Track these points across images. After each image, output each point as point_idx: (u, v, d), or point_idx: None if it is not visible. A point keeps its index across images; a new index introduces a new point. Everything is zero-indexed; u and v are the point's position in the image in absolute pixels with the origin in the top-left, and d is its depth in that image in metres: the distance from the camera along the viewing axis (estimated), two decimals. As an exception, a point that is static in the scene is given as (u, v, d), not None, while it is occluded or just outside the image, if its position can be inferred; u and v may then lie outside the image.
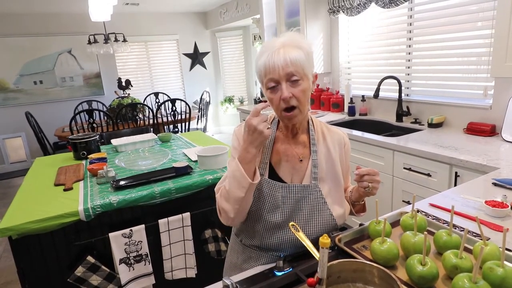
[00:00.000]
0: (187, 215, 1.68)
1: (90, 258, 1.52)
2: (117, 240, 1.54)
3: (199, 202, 1.77)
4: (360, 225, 1.04)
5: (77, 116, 3.79)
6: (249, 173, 0.92)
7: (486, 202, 1.13)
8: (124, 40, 4.61)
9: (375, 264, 0.73)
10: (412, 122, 2.52)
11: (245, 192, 0.92)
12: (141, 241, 1.59)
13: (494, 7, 1.96)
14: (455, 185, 1.71)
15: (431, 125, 2.34)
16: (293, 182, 1.02)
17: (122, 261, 1.56)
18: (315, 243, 1.08)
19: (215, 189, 1.05)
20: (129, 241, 1.57)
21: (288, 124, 1.03)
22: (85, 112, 3.71)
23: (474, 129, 2.09)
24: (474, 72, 2.21)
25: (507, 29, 1.65)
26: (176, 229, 1.67)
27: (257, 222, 1.01)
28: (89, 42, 4.45)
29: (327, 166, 1.05)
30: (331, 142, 1.09)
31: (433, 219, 1.07)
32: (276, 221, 0.99)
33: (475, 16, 2.14)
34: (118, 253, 1.55)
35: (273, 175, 1.03)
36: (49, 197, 1.66)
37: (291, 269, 0.87)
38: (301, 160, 1.04)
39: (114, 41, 4.52)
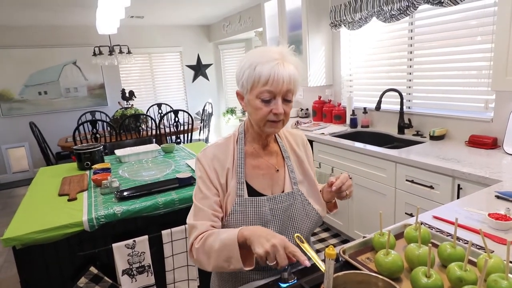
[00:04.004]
0: (190, 226, 1.68)
1: (93, 269, 1.52)
2: (120, 251, 1.54)
3: (202, 213, 1.77)
4: (364, 237, 1.04)
5: (81, 127, 3.82)
6: (243, 257, 0.82)
7: (489, 214, 1.13)
8: (129, 52, 4.68)
9: (380, 276, 0.73)
10: (414, 135, 2.53)
11: (231, 267, 0.84)
12: (144, 252, 1.59)
13: (494, 22, 1.99)
14: (458, 197, 1.71)
15: (433, 138, 2.35)
16: (274, 193, 1.02)
17: (124, 272, 1.56)
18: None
19: (191, 225, 0.95)
20: (132, 252, 1.57)
21: (266, 134, 1.01)
22: (88, 123, 3.74)
23: (476, 142, 2.11)
24: (474, 85, 2.23)
25: (506, 44, 1.68)
26: (179, 240, 1.67)
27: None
28: (94, 54, 4.52)
29: (300, 168, 1.08)
30: (295, 144, 1.12)
31: (436, 231, 1.07)
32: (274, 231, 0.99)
33: (475, 30, 2.18)
34: (121, 264, 1.55)
35: (252, 191, 1.00)
36: (53, 207, 1.67)
37: (296, 281, 0.88)
38: (277, 170, 1.04)
39: (118, 53, 4.59)
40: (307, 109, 3.81)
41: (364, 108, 2.99)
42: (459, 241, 0.98)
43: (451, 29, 2.30)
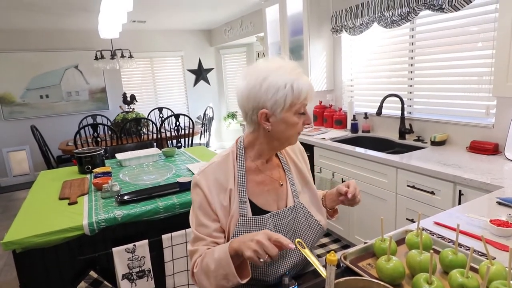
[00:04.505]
0: (190, 230, 1.67)
1: (93, 273, 1.52)
2: (120, 255, 1.54)
3: (203, 218, 1.77)
4: (365, 242, 1.04)
5: (82, 130, 3.83)
6: (239, 270, 0.83)
7: (491, 221, 1.13)
8: (130, 56, 4.70)
9: (381, 282, 0.73)
10: (415, 140, 2.53)
11: (230, 284, 0.84)
12: (144, 257, 1.59)
13: (495, 28, 2.00)
14: (459, 203, 1.71)
15: (434, 143, 2.35)
16: (279, 208, 1.00)
17: (124, 276, 1.55)
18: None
19: (190, 251, 0.96)
20: (132, 256, 1.56)
21: (285, 148, 1.02)
22: (89, 126, 3.75)
23: (477, 148, 2.10)
24: (475, 91, 2.23)
25: (507, 50, 1.68)
26: (180, 245, 1.67)
27: (256, 265, 0.92)
28: (96, 58, 4.54)
29: (299, 178, 1.07)
30: (294, 154, 1.10)
31: (438, 237, 1.07)
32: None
33: (476, 36, 2.18)
34: (120, 269, 1.54)
35: (256, 209, 0.97)
36: (53, 211, 1.67)
37: (296, 287, 0.87)
38: (281, 184, 1.02)
39: (120, 57, 4.61)
40: (308, 114, 3.81)
41: (365, 113, 2.99)
42: (461, 247, 0.97)
43: (452, 35, 2.31)
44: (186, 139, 4.51)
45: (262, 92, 0.87)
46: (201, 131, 5.20)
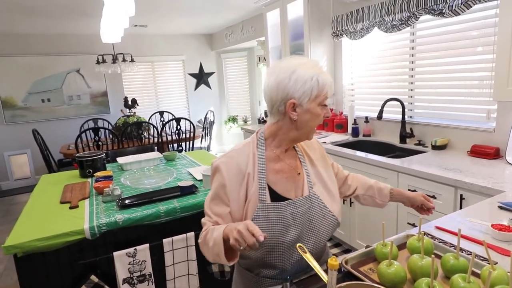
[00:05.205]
0: (191, 234, 1.68)
1: (93, 278, 1.51)
2: (121, 259, 1.54)
3: (204, 222, 1.77)
4: (367, 247, 1.03)
5: (83, 134, 3.84)
6: (228, 252, 0.91)
7: (492, 225, 1.13)
8: (132, 60, 4.72)
9: (382, 287, 0.73)
10: (415, 144, 2.53)
11: (221, 261, 0.93)
12: (145, 261, 1.59)
13: (495, 33, 2.01)
14: (461, 207, 1.70)
15: (435, 147, 2.35)
16: (297, 196, 1.04)
17: (125, 281, 1.55)
18: (324, 250, 1.10)
19: (202, 221, 1.03)
20: (133, 261, 1.56)
21: (303, 140, 1.08)
22: (91, 130, 3.76)
23: (478, 152, 2.10)
24: (476, 96, 2.24)
25: (508, 54, 1.69)
26: (180, 249, 1.67)
27: (273, 249, 0.99)
28: (98, 62, 4.56)
29: (313, 170, 1.10)
30: (308, 148, 1.15)
31: (439, 242, 1.07)
32: (292, 239, 0.99)
33: (476, 41, 2.19)
34: (121, 273, 1.54)
35: (275, 196, 1.01)
36: (55, 215, 1.67)
37: (298, 291, 0.87)
38: (299, 173, 1.07)
39: (122, 61, 4.63)
40: (308, 118, 3.82)
41: (366, 117, 3.00)
42: (462, 252, 0.97)
43: (452, 40, 2.32)
44: (187, 143, 4.51)
45: (291, 84, 0.95)
46: (202, 135, 5.20)
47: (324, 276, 0.78)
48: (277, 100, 0.97)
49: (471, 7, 2.01)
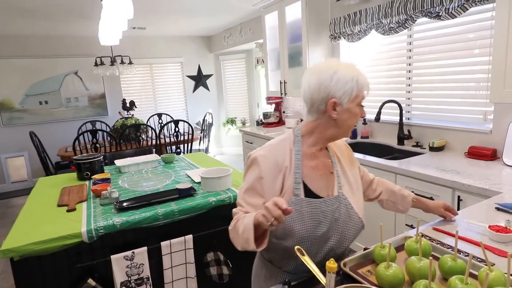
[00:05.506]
0: (189, 237, 1.67)
1: (91, 281, 1.51)
2: (118, 263, 1.53)
3: (202, 224, 1.76)
4: (365, 249, 1.03)
5: (81, 136, 3.83)
6: (258, 238, 0.92)
7: (489, 227, 1.13)
8: (130, 63, 4.72)
9: (381, 290, 0.73)
10: (413, 146, 2.54)
11: (250, 248, 0.93)
12: (143, 264, 1.58)
13: (491, 35, 2.02)
14: (458, 209, 1.70)
15: (432, 149, 2.36)
16: (329, 195, 1.06)
17: (123, 284, 1.55)
18: (349, 251, 1.11)
19: (233, 211, 1.06)
20: (131, 264, 1.56)
21: (339, 138, 1.11)
22: (89, 132, 3.75)
23: (475, 153, 2.11)
24: (473, 97, 2.25)
25: (504, 57, 1.70)
26: (178, 252, 1.66)
27: (302, 241, 1.01)
28: (96, 64, 4.55)
29: (342, 171, 1.13)
30: (338, 150, 1.17)
31: (437, 243, 1.07)
32: (320, 234, 1.02)
33: (473, 43, 2.20)
34: (119, 276, 1.53)
35: (308, 192, 1.05)
36: (52, 218, 1.67)
37: (296, 294, 0.87)
38: (331, 172, 1.09)
39: (120, 63, 4.63)
40: (307, 120, 3.83)
41: (364, 119, 3.00)
42: (460, 253, 0.97)
43: (449, 42, 2.33)
44: (186, 145, 4.51)
45: (332, 84, 0.99)
46: (200, 137, 5.20)
47: (322, 279, 0.78)
48: (318, 99, 1.01)
49: (468, 10, 2.02)
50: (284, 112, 4.38)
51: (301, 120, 3.85)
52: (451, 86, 2.36)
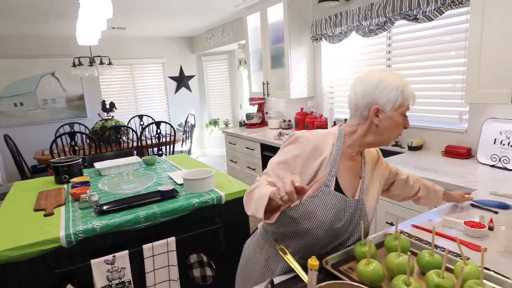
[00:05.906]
0: (172, 239, 1.65)
1: (70, 287, 1.47)
2: (99, 267, 1.49)
3: (185, 226, 1.75)
4: (347, 246, 1.05)
5: (58, 139, 3.72)
6: (269, 209, 0.93)
7: (465, 222, 1.17)
8: (110, 63, 4.63)
9: (362, 286, 0.74)
10: (393, 145, 2.60)
11: (257, 216, 0.94)
12: (124, 268, 1.55)
13: (466, 38, 2.10)
14: (436, 206, 1.76)
15: (411, 148, 2.42)
16: (353, 197, 1.09)
17: (103, 289, 1.51)
18: (352, 251, 1.11)
19: (257, 178, 1.08)
20: (112, 268, 1.52)
21: (377, 147, 1.14)
22: (67, 135, 3.65)
23: (451, 152, 2.18)
24: (449, 98, 2.32)
25: (478, 59, 1.76)
26: (161, 254, 1.64)
27: (318, 227, 1.03)
28: (74, 65, 4.44)
29: (368, 177, 1.15)
30: (368, 158, 1.19)
31: (415, 240, 1.10)
32: (337, 228, 1.05)
33: (449, 45, 2.28)
34: (99, 281, 1.50)
35: (338, 187, 1.07)
36: (28, 223, 1.61)
37: (279, 293, 0.87)
38: (360, 177, 1.12)
39: (99, 64, 4.53)
40: (289, 121, 3.86)
41: (345, 120, 3.05)
42: (437, 249, 1.00)
43: (427, 44, 2.40)
44: (168, 146, 4.45)
45: (378, 92, 1.02)
46: (183, 139, 5.15)
47: (304, 277, 0.79)
48: (362, 105, 1.04)
49: (444, 13, 2.09)
50: (267, 113, 4.40)
51: (284, 121, 3.88)
52: (428, 87, 2.43)
